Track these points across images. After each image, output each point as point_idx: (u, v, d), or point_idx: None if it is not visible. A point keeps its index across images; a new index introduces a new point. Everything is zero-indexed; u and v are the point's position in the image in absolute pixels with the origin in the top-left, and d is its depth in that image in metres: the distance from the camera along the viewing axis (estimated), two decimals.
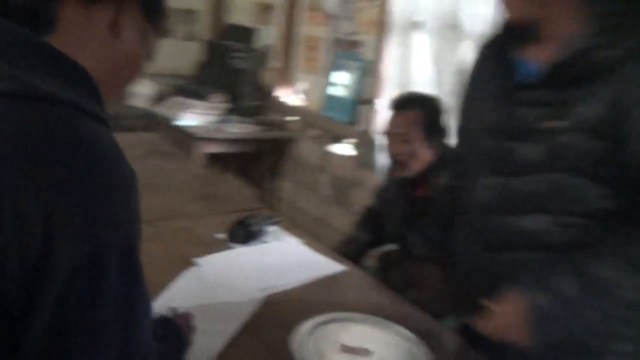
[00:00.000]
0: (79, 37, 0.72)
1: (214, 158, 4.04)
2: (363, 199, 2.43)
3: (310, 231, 3.14)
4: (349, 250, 1.98)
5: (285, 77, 3.47)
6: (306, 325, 1.00)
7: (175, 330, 0.96)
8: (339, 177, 2.99)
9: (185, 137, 3.08)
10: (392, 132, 1.76)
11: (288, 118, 3.37)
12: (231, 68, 3.40)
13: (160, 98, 3.35)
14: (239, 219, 1.59)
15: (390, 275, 1.90)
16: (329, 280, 1.44)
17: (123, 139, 2.20)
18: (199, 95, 3.20)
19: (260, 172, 3.48)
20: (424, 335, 1.17)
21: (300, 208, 3.31)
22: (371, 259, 2.05)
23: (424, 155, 1.73)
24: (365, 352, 0.96)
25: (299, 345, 0.94)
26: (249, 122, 3.28)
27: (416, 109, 1.74)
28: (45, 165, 0.60)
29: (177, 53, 3.81)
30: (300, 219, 3.29)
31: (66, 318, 0.63)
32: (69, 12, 0.71)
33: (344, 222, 2.75)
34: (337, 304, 1.31)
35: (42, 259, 0.59)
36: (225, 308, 1.21)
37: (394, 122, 1.76)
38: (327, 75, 3.08)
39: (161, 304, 1.19)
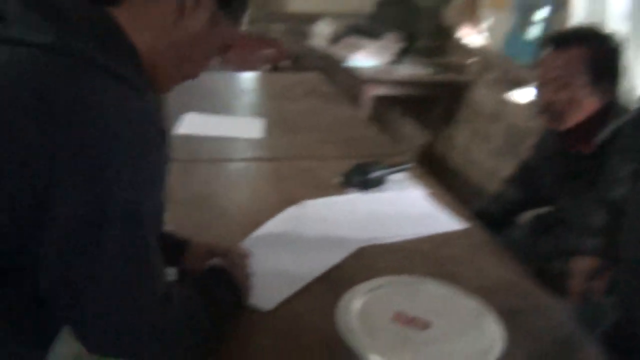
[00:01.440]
0: (143, 13, 0.74)
1: (383, 101, 3.95)
2: None
3: (479, 184, 2.93)
4: (494, 209, 1.78)
5: (469, 15, 3.18)
6: (364, 285, 0.90)
7: (222, 281, 0.94)
8: (514, 126, 2.68)
9: (354, 79, 3.04)
10: (547, 76, 1.48)
11: (468, 60, 3.11)
12: (412, 5, 3.22)
13: (336, 38, 3.32)
14: (359, 162, 1.50)
15: (539, 241, 1.67)
16: (441, 239, 1.29)
17: (285, 79, 2.28)
18: (373, 35, 3.10)
19: (432, 118, 3.30)
20: (517, 315, 0.99)
21: (473, 158, 3.08)
22: (522, 221, 1.82)
23: (587, 104, 1.44)
24: (422, 324, 0.83)
25: (345, 306, 0.85)
26: (423, 64, 3.09)
27: (581, 46, 1.43)
28: (58, 116, 0.61)
29: None
30: (472, 170, 3.06)
31: (69, 267, 0.64)
32: None
33: None
34: (435, 266, 1.17)
35: (44, 199, 0.61)
36: (310, 253, 1.16)
37: (551, 62, 1.48)
38: (512, 13, 2.74)
39: (252, 240, 1.20)
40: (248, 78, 2.76)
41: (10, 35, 0.63)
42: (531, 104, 2.58)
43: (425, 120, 3.45)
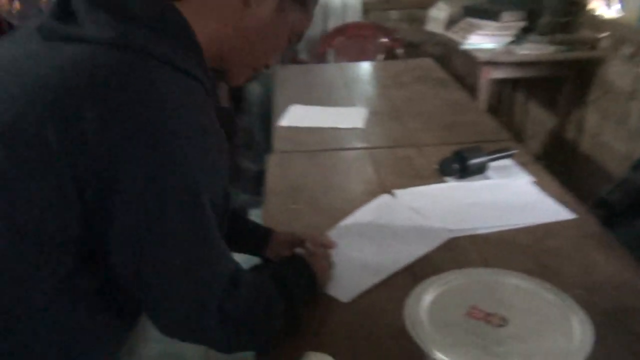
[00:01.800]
0: (209, 5, 0.77)
1: (505, 83, 3.72)
2: None
3: (612, 171, 2.66)
4: (617, 197, 1.61)
5: None
6: (440, 277, 0.86)
7: (298, 269, 0.94)
8: None
9: (471, 62, 2.90)
10: None
11: (599, 35, 2.83)
12: None
13: (452, 21, 3.19)
14: (456, 149, 1.43)
15: None
16: (543, 230, 1.19)
17: (396, 67, 2.31)
18: (491, 16, 2.92)
19: (560, 100, 3.05)
20: (625, 316, 0.89)
21: (605, 143, 2.80)
22: None
23: None
24: (498, 320, 0.77)
25: (415, 299, 0.81)
26: (548, 43, 2.86)
27: None
28: (116, 107, 0.64)
29: None
30: (605, 155, 2.79)
31: (135, 252, 0.68)
32: None
33: None
34: (533, 259, 1.09)
35: (107, 190, 0.64)
36: (396, 244, 1.13)
37: None
38: None
39: (339, 229, 1.20)
40: (362, 68, 2.75)
41: (77, 34, 0.67)
42: None
43: (552, 102, 3.20)
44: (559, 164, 3.17)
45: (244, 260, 1.19)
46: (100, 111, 0.63)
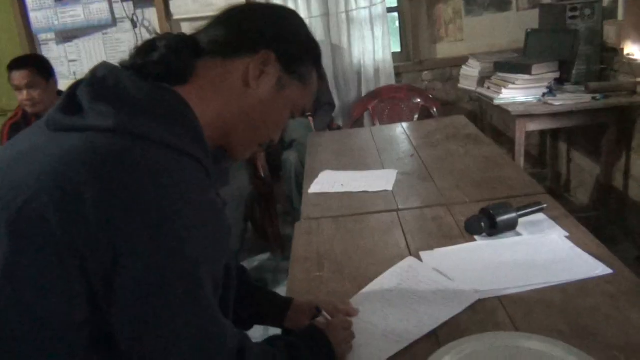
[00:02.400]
0: (212, 87, 0.81)
1: (551, 135, 3.65)
2: None
3: None
4: None
5: (634, 28, 2.86)
6: (457, 344, 0.82)
7: (315, 342, 0.93)
8: None
9: (507, 116, 2.88)
10: None
11: (637, 80, 2.77)
12: (565, 30, 2.99)
13: (484, 77, 3.20)
14: (484, 207, 1.40)
15: None
16: (577, 287, 1.13)
17: (429, 126, 2.35)
18: (522, 69, 2.92)
19: (603, 147, 2.96)
20: None
21: None
22: None
23: None
24: None
25: None
26: (583, 91, 2.82)
27: None
28: (112, 189, 0.66)
29: (507, 27, 3.59)
30: None
31: (139, 333, 0.70)
32: (206, 65, 0.81)
33: None
34: (566, 320, 1.03)
35: (111, 273, 0.67)
36: (421, 308, 1.10)
37: None
38: None
39: (361, 296, 1.17)
40: (394, 129, 2.77)
41: (80, 124, 0.71)
42: None
43: (596, 150, 3.12)
44: (609, 213, 3.04)
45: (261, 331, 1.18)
46: (99, 192, 0.65)
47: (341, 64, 3.66)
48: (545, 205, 1.43)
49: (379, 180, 1.87)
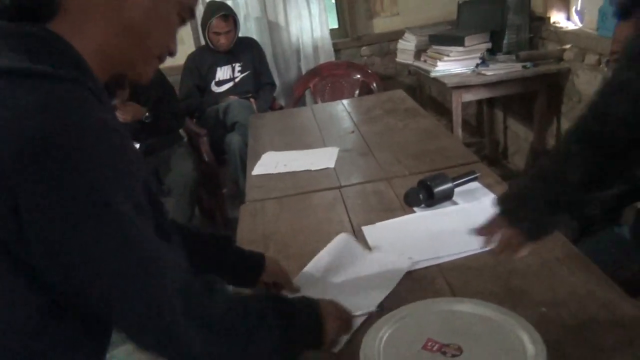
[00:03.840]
0: (84, 12, 0.73)
1: (480, 105, 3.77)
2: None
3: None
4: (592, 209, 1.61)
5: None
6: (396, 312, 0.86)
7: (308, 316, 0.85)
8: None
9: (443, 88, 2.95)
10: (614, 49, 1.33)
11: (563, 47, 2.89)
12: (495, 1, 3.08)
13: (420, 50, 3.26)
14: (421, 180, 1.46)
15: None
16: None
17: (368, 102, 2.35)
18: (456, 41, 2.99)
19: (535, 114, 3.08)
20: (589, 329, 0.89)
21: None
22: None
23: None
24: (453, 350, 0.77)
25: (371, 336, 0.81)
26: (514, 60, 2.92)
27: None
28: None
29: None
30: None
31: (79, 275, 0.66)
32: None
33: None
34: (500, 282, 1.09)
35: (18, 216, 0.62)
36: (359, 286, 1.13)
37: (618, 35, 1.33)
38: None
39: (304, 276, 1.20)
40: (335, 107, 2.79)
41: None
42: None
43: (529, 117, 3.24)
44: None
45: None
46: None
47: (280, 44, 3.65)
48: (478, 174, 1.49)
49: (321, 159, 1.90)
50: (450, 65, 2.98)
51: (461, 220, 1.33)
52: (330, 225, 1.42)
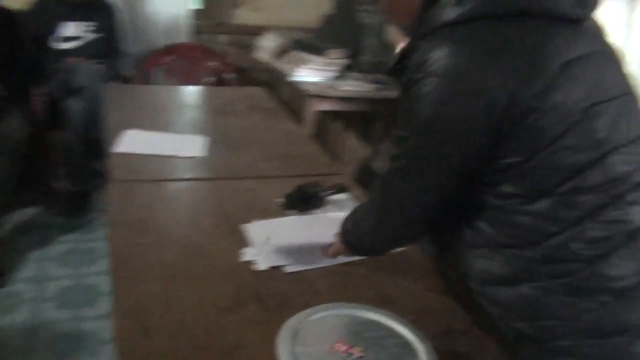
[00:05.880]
0: None
1: (327, 116, 4.00)
2: None
3: None
4: None
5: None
6: (305, 314, 0.93)
7: None
8: None
9: (298, 94, 3.07)
10: None
11: None
12: (356, 22, 3.29)
13: (281, 52, 3.35)
14: (299, 184, 1.53)
15: None
16: (375, 261, 1.32)
17: (229, 93, 2.26)
18: (318, 50, 3.14)
19: (374, 133, 3.37)
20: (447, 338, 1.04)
21: None
22: None
23: None
24: (358, 352, 0.86)
25: (285, 339, 0.87)
26: (367, 80, 3.16)
27: None
28: None
29: (304, 4, 3.78)
30: None
31: None
32: None
33: None
34: (373, 289, 1.21)
35: None
36: None
37: None
38: None
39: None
40: (191, 92, 2.75)
41: None
42: None
43: (366, 134, 3.52)
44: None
45: None
46: None
47: (141, 13, 3.45)
48: (348, 186, 1.62)
49: (189, 146, 1.87)
50: (310, 73, 3.11)
51: (330, 228, 1.43)
52: (209, 217, 1.43)
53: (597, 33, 0.95)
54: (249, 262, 1.24)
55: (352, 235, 1.14)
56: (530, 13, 0.87)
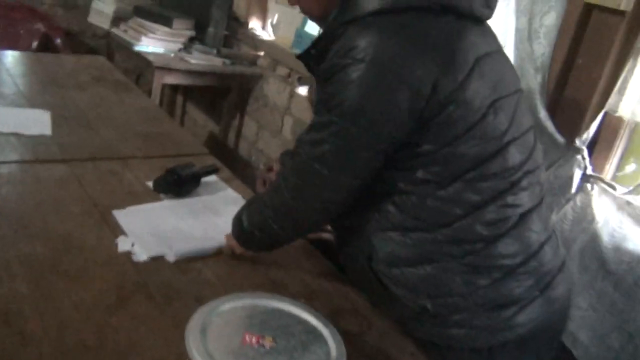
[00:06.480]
0: None
1: (175, 89, 3.84)
2: None
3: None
4: None
5: (259, 6, 3.25)
6: (208, 307, 0.89)
7: None
8: (300, 121, 2.83)
9: (143, 65, 2.88)
10: None
11: (257, 53, 3.17)
12: None
13: (120, 18, 3.10)
14: (169, 167, 1.45)
15: None
16: None
17: (65, 63, 2.01)
18: (163, 20, 2.96)
19: (224, 109, 3.30)
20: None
21: (261, 149, 3.17)
22: None
23: None
24: (269, 342, 0.85)
25: (194, 333, 0.83)
26: (215, 54, 3.07)
27: None
28: None
29: None
30: (260, 161, 3.15)
31: None
32: None
33: None
34: (260, 274, 1.20)
35: None
36: None
37: None
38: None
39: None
40: (25, 58, 2.42)
41: None
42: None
43: (216, 109, 3.44)
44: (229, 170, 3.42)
45: None
46: None
47: None
48: (219, 169, 1.57)
49: (31, 122, 1.66)
50: (154, 44, 2.93)
51: (209, 213, 1.39)
52: (72, 204, 1.29)
53: (493, 33, 1.04)
54: (127, 253, 1.16)
55: (254, 227, 1.10)
56: (450, 9, 0.92)
